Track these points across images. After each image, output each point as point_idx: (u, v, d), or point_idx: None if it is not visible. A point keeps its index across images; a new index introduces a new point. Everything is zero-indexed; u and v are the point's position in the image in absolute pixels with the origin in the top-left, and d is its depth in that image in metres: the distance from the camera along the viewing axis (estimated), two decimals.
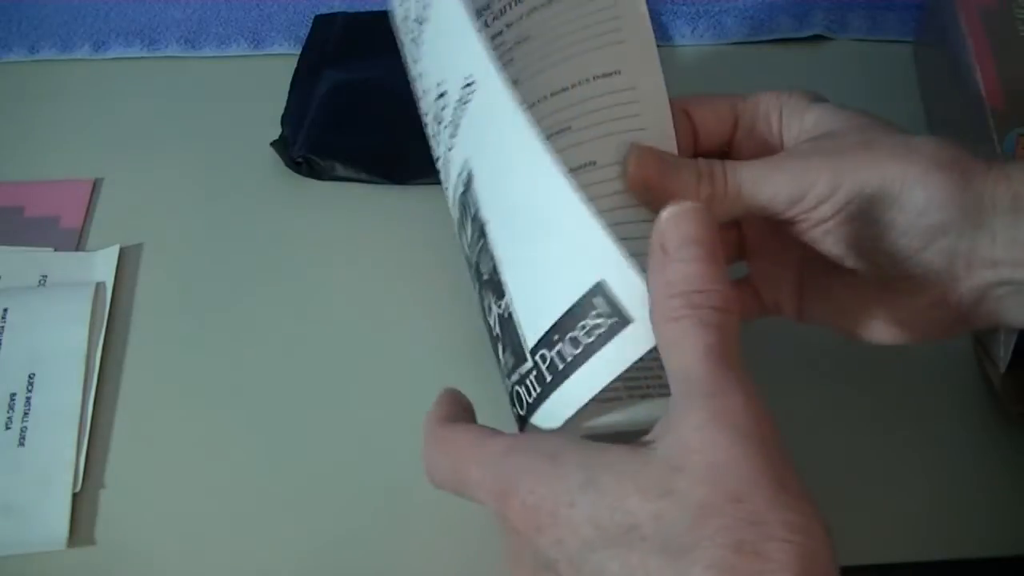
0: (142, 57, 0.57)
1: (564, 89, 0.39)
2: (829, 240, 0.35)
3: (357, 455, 0.43)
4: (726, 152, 0.39)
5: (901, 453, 0.43)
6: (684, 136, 0.38)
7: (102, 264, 0.49)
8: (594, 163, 0.37)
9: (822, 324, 0.38)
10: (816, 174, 0.34)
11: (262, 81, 0.56)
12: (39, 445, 0.43)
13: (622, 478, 0.27)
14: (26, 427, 0.43)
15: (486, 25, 0.41)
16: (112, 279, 0.48)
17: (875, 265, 0.35)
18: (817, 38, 0.55)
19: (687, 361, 0.28)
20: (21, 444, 0.43)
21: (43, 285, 0.48)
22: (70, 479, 0.42)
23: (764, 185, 0.35)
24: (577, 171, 0.36)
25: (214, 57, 0.57)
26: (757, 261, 0.40)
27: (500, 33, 0.41)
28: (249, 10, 0.59)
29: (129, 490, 0.43)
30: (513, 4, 0.41)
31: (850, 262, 0.36)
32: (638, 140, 0.37)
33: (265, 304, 0.48)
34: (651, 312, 0.30)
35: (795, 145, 0.37)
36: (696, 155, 0.38)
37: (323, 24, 0.58)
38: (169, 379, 0.46)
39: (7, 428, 0.43)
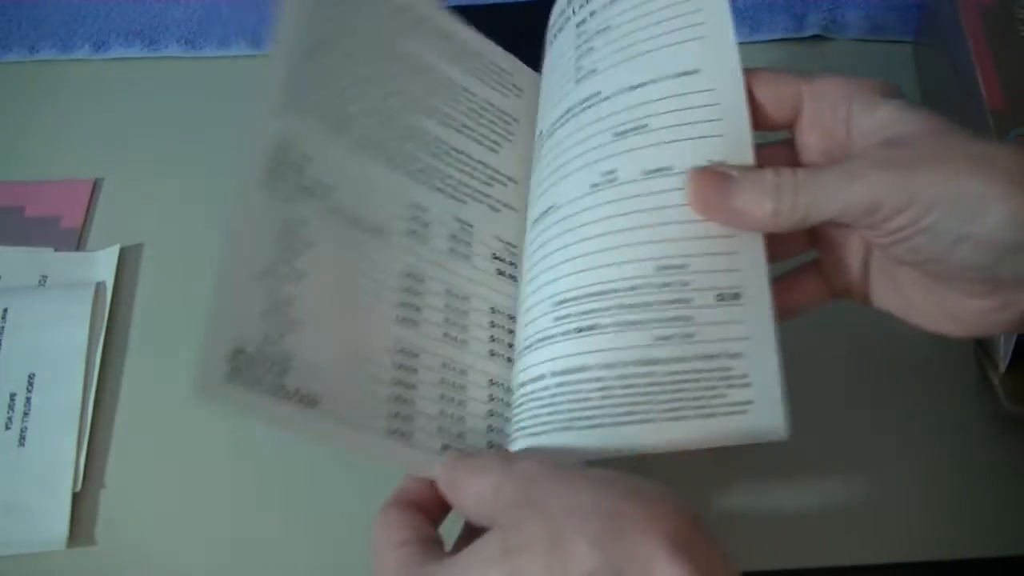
0: (142, 57, 0.57)
1: (642, 84, 0.38)
2: (900, 248, 0.34)
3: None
4: (790, 132, 0.38)
5: (901, 453, 0.43)
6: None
7: (102, 264, 0.49)
8: (670, 168, 0.36)
9: (888, 311, 0.38)
10: (889, 188, 0.33)
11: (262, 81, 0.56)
12: (39, 445, 0.43)
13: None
14: (26, 427, 0.43)
15: (573, 12, 0.42)
16: (112, 279, 0.48)
17: (945, 272, 0.34)
18: (816, 38, 0.55)
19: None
20: (21, 444, 0.43)
21: (43, 285, 0.48)
22: (70, 479, 0.42)
23: (835, 198, 0.34)
24: (651, 175, 0.37)
25: (214, 57, 0.57)
26: (826, 249, 0.39)
27: (584, 21, 0.42)
28: (249, 10, 0.59)
29: (129, 490, 0.43)
30: None
31: (920, 267, 0.35)
32: (714, 147, 0.36)
33: None
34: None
35: (866, 150, 0.35)
36: (756, 130, 0.37)
37: None
38: (169, 379, 0.45)
39: (7, 428, 0.43)
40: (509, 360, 0.39)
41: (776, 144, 0.38)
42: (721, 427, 0.33)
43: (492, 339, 0.40)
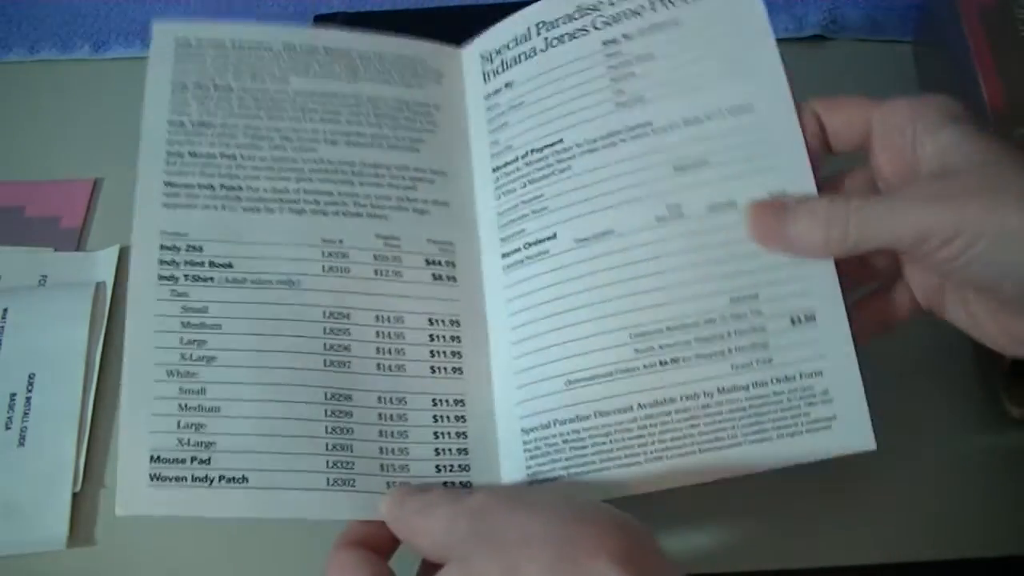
0: (142, 57, 0.57)
1: (698, 120, 0.40)
2: (956, 274, 0.35)
3: None
4: (864, 155, 0.39)
5: (901, 453, 0.42)
6: (812, 138, 0.39)
7: (102, 264, 0.49)
8: (734, 203, 0.38)
9: (960, 328, 0.38)
10: (937, 219, 0.34)
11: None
12: (39, 445, 0.43)
13: None
14: (26, 427, 0.43)
15: (595, 27, 0.42)
16: (112, 279, 0.48)
17: (1001, 295, 0.35)
18: (817, 38, 0.55)
19: None
20: (21, 444, 0.43)
21: (43, 285, 0.48)
22: (70, 479, 0.42)
23: (885, 228, 0.35)
24: (716, 210, 0.38)
25: None
26: (907, 267, 0.39)
27: (616, 41, 0.42)
28: (249, 10, 0.59)
29: None
30: (629, 15, 0.42)
31: (977, 290, 0.36)
32: (774, 179, 0.38)
33: None
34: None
35: (921, 178, 0.36)
36: (829, 154, 0.39)
37: (323, 23, 0.58)
38: None
39: (7, 428, 0.43)
40: (456, 370, 0.39)
41: (858, 168, 0.39)
42: (806, 444, 0.36)
43: (432, 354, 0.39)
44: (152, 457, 0.35)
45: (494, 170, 0.42)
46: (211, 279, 0.38)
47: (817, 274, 0.37)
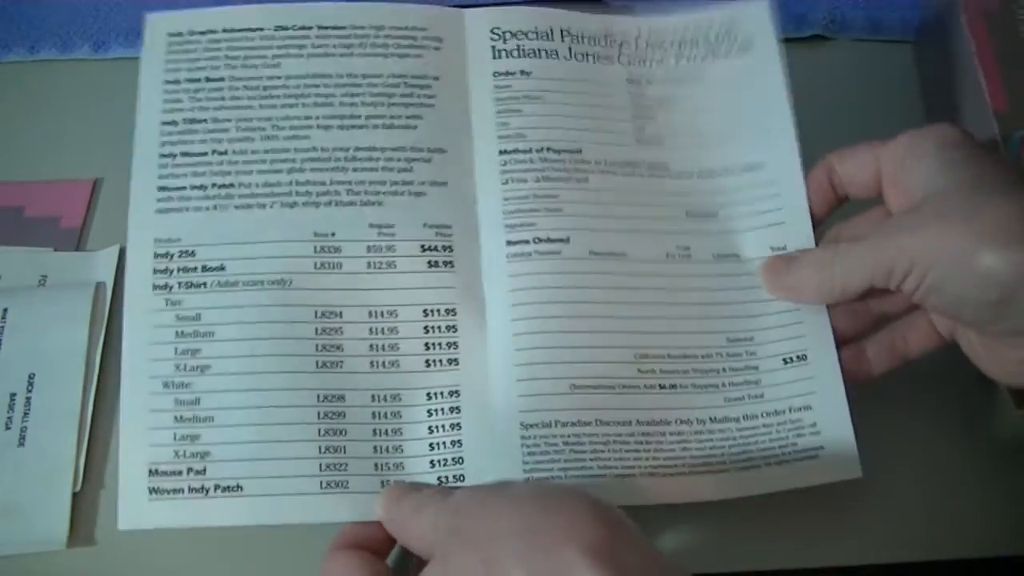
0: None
1: (713, 173, 0.42)
2: (928, 305, 0.37)
3: None
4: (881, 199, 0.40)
5: (901, 453, 0.42)
6: (821, 195, 0.41)
7: (102, 264, 0.49)
8: (738, 256, 0.41)
9: (971, 360, 0.39)
10: (895, 254, 0.35)
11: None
12: (39, 445, 0.43)
13: None
14: (26, 427, 0.43)
15: (619, 61, 0.44)
16: (112, 279, 0.48)
17: (963, 321, 0.36)
18: (817, 38, 0.55)
19: None
20: (21, 444, 0.43)
21: (43, 285, 0.48)
22: (70, 479, 0.42)
23: (861, 269, 0.37)
24: (721, 259, 0.41)
25: None
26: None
27: (639, 83, 0.43)
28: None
29: None
30: (655, 63, 0.44)
31: (954, 322, 0.38)
32: (777, 234, 0.41)
33: None
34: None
35: (898, 214, 0.37)
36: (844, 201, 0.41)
37: None
38: None
39: (7, 428, 0.43)
40: (452, 361, 0.39)
41: (877, 206, 0.40)
42: (793, 472, 0.38)
43: (427, 347, 0.39)
44: (151, 471, 0.36)
45: (501, 153, 0.42)
46: (204, 284, 0.38)
47: (810, 319, 0.40)
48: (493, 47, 0.44)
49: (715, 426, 0.38)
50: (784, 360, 0.39)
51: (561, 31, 0.44)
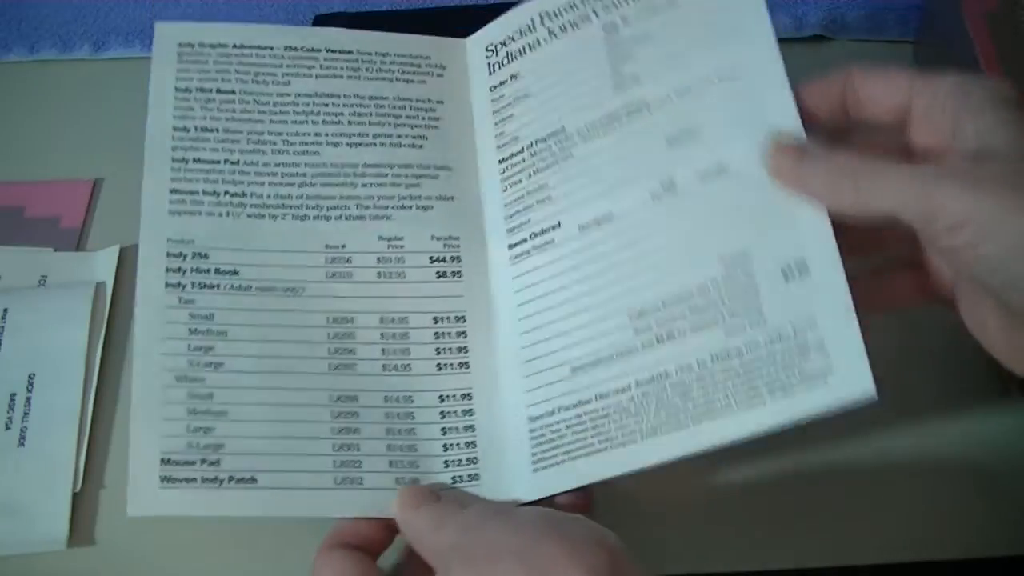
0: (142, 57, 0.57)
1: (688, 89, 0.39)
2: (961, 268, 0.34)
3: None
4: (903, 131, 0.36)
5: (901, 453, 0.42)
6: (827, 108, 0.37)
7: (102, 264, 0.49)
8: (725, 167, 0.38)
9: (973, 334, 0.36)
10: (950, 200, 0.31)
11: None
12: (39, 445, 0.43)
13: None
14: (26, 427, 0.43)
15: (595, 13, 0.43)
16: (112, 279, 0.48)
17: (1009, 305, 0.33)
18: (817, 38, 0.55)
19: None
20: (21, 444, 0.43)
21: (43, 285, 0.48)
22: (70, 479, 0.42)
23: (892, 194, 0.33)
24: (707, 176, 0.38)
25: None
26: (927, 250, 0.38)
27: (615, 25, 0.42)
28: (249, 10, 0.59)
29: None
30: (629, 1, 0.42)
31: (985, 287, 0.34)
32: (765, 143, 0.37)
33: None
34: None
35: (951, 158, 0.34)
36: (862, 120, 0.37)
37: (323, 24, 0.58)
38: None
39: (7, 428, 0.43)
40: (463, 365, 0.39)
41: (892, 139, 0.37)
42: (802, 401, 0.34)
43: (438, 351, 0.40)
44: (163, 460, 0.36)
45: (500, 161, 0.42)
46: (217, 286, 0.39)
47: (810, 222, 0.36)
48: (488, 63, 0.45)
49: (717, 365, 0.36)
50: (784, 274, 0.35)
51: (540, 16, 0.44)
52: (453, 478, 0.38)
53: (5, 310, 0.46)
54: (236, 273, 0.39)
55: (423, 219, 0.41)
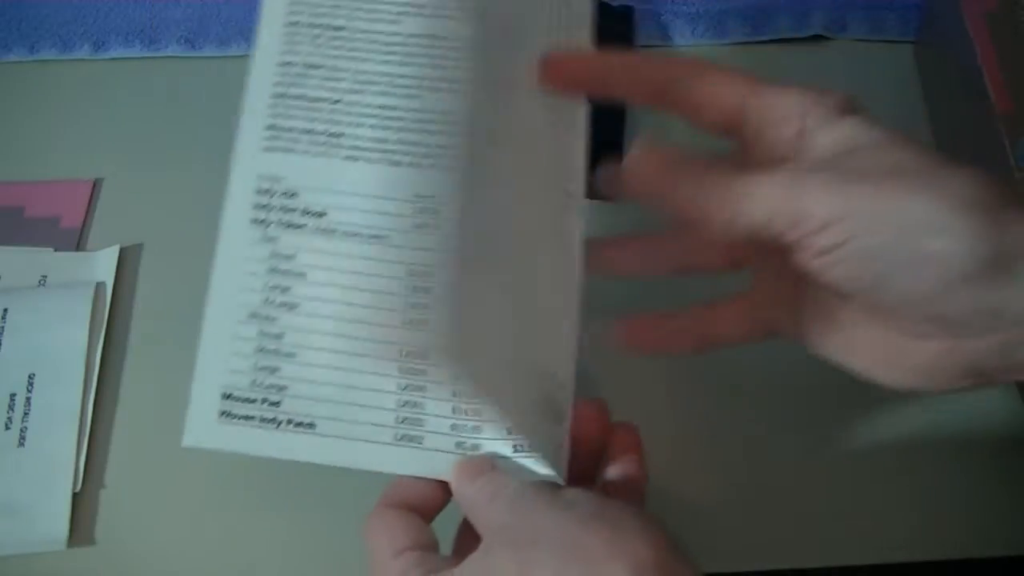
0: (142, 57, 0.57)
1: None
2: (834, 271, 0.31)
3: None
4: (732, 140, 0.35)
5: (901, 453, 0.43)
6: (639, 86, 0.36)
7: (102, 264, 0.49)
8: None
9: (826, 356, 0.35)
10: (823, 196, 0.30)
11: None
12: (39, 445, 0.43)
13: None
14: (26, 427, 0.43)
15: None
16: (112, 279, 0.48)
17: (885, 304, 0.31)
18: (817, 38, 0.55)
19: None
20: (21, 444, 0.43)
21: (43, 285, 0.48)
22: (70, 479, 0.42)
23: (761, 202, 0.31)
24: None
25: (214, 57, 0.57)
26: (757, 272, 0.37)
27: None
28: (249, 10, 0.59)
29: (129, 490, 0.43)
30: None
31: (858, 298, 0.32)
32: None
33: None
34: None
35: (803, 162, 0.32)
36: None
37: None
38: (169, 379, 0.45)
39: (7, 428, 0.43)
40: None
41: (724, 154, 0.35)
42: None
43: None
44: (224, 394, 0.36)
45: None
46: (303, 226, 0.38)
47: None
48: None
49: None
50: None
51: None
52: (515, 447, 0.37)
53: (5, 310, 0.46)
54: (324, 215, 0.38)
55: None
